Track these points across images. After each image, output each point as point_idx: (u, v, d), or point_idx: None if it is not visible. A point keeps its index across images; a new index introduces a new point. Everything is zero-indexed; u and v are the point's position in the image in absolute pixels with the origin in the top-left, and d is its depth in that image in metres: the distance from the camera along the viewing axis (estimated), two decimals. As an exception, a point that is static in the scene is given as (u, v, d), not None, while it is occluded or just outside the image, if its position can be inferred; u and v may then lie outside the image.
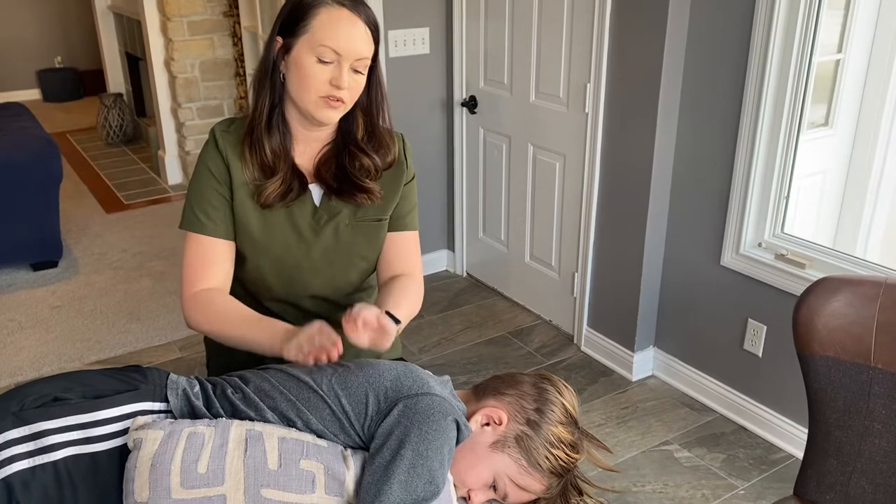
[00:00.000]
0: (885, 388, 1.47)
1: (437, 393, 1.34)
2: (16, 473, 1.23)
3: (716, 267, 2.62)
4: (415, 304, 1.61)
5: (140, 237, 4.33)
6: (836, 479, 1.54)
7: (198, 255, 1.57)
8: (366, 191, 1.59)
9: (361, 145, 1.59)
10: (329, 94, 1.46)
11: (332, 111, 1.49)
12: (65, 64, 7.94)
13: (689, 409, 2.76)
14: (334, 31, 1.44)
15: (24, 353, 3.15)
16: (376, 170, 1.60)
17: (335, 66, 1.45)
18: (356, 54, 1.46)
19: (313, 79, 1.45)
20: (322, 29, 1.44)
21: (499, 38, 3.21)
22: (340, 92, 1.46)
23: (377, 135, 1.61)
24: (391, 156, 1.63)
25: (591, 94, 2.81)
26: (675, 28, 2.49)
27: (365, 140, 1.60)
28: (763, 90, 2.33)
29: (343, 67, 1.45)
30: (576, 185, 3.00)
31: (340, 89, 1.46)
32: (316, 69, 1.45)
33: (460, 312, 3.45)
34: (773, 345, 2.51)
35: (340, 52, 1.44)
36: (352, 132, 1.59)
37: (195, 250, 1.57)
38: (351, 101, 1.52)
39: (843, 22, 2.84)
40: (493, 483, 1.45)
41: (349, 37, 1.44)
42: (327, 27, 1.44)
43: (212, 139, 1.58)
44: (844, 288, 1.51)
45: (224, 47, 4.91)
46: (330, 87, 1.46)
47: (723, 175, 2.52)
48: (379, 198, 1.61)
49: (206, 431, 1.28)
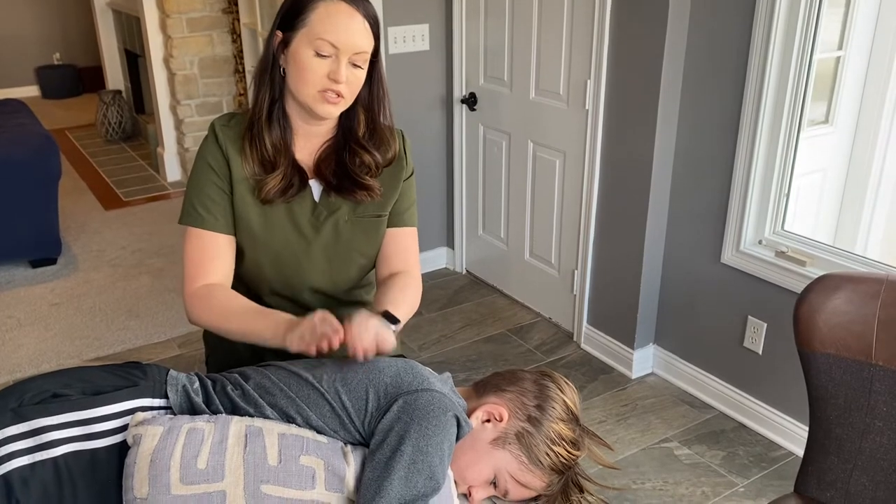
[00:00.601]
0: (885, 385, 1.47)
1: (438, 389, 1.34)
2: (15, 470, 1.22)
3: (716, 264, 2.61)
4: (413, 302, 1.61)
5: (139, 234, 4.33)
6: (836, 476, 1.53)
7: (198, 250, 1.56)
8: (366, 188, 1.58)
9: (362, 142, 1.58)
10: (327, 88, 1.46)
11: (331, 106, 1.49)
12: (64, 61, 7.93)
13: (689, 406, 2.76)
14: (332, 24, 1.43)
15: (22, 350, 3.14)
16: (377, 166, 1.60)
17: (333, 59, 1.45)
18: (354, 48, 1.45)
19: (311, 73, 1.45)
20: (320, 22, 1.44)
21: (499, 35, 3.20)
22: (338, 86, 1.46)
23: (378, 131, 1.61)
24: (392, 152, 1.63)
25: (591, 91, 2.80)
26: (675, 25, 2.49)
27: (366, 137, 1.59)
28: (763, 87, 2.32)
29: (341, 61, 1.45)
30: (576, 182, 3.00)
31: (338, 83, 1.45)
32: (314, 63, 1.45)
33: (460, 310, 3.45)
34: (773, 342, 2.51)
35: (338, 46, 1.44)
36: (353, 128, 1.59)
37: (196, 245, 1.56)
38: (351, 96, 1.51)
39: (843, 19, 2.83)
40: (494, 480, 1.44)
41: (347, 30, 1.44)
42: (325, 21, 1.44)
43: (211, 134, 1.57)
44: (845, 285, 1.51)
45: (223, 44, 4.91)
46: (328, 81, 1.46)
47: (723, 172, 2.51)
48: (378, 195, 1.61)
49: (206, 427, 1.28)
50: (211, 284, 1.55)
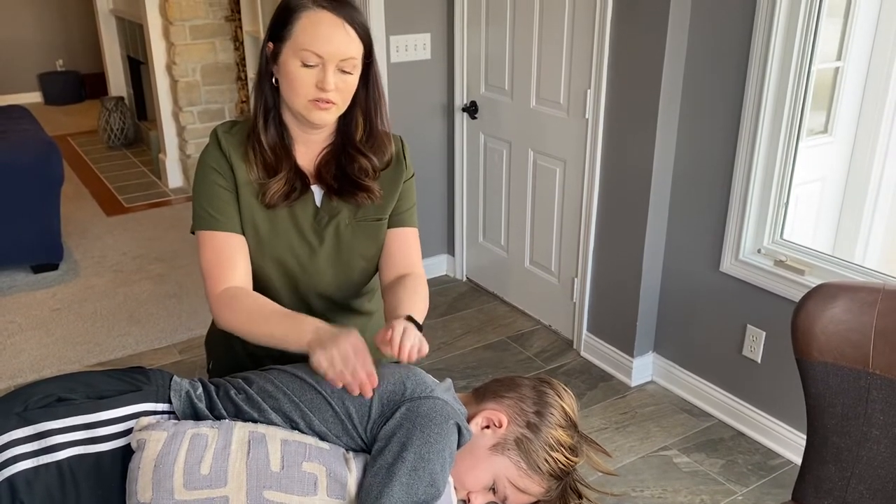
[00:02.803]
0: (883, 394, 1.47)
1: (440, 396, 1.35)
2: (20, 473, 1.23)
3: (715, 273, 2.62)
4: (425, 303, 1.59)
5: (140, 240, 4.34)
6: (834, 484, 1.54)
7: (215, 252, 1.55)
8: (366, 189, 1.59)
9: (359, 146, 1.60)
10: (317, 98, 1.47)
11: (323, 113, 1.50)
12: (66, 67, 7.95)
13: (688, 414, 2.76)
14: (315, 34, 1.44)
15: (23, 355, 3.15)
16: (374, 170, 1.61)
17: (320, 69, 1.46)
18: (340, 55, 1.46)
19: (299, 83, 1.46)
20: (303, 33, 1.45)
21: (500, 44, 3.22)
22: (327, 94, 1.47)
23: (375, 135, 1.61)
24: (388, 155, 1.64)
25: (591, 100, 2.82)
26: (675, 35, 2.50)
27: (363, 141, 1.60)
28: (763, 97, 2.34)
29: (328, 70, 1.46)
30: (576, 190, 3.01)
31: (326, 91, 1.46)
32: (302, 73, 1.46)
33: (460, 317, 3.46)
34: (772, 351, 2.52)
35: (323, 55, 1.45)
36: (351, 133, 1.60)
37: (212, 248, 1.55)
38: (343, 102, 1.52)
39: (842, 29, 2.85)
40: (493, 486, 1.45)
41: (330, 39, 1.44)
42: (308, 31, 1.44)
43: (214, 140, 1.58)
44: (843, 294, 1.52)
45: (226, 51, 4.93)
46: (316, 91, 1.46)
47: (722, 181, 2.53)
48: (379, 196, 1.62)
49: (210, 433, 1.29)
50: (235, 287, 1.53)
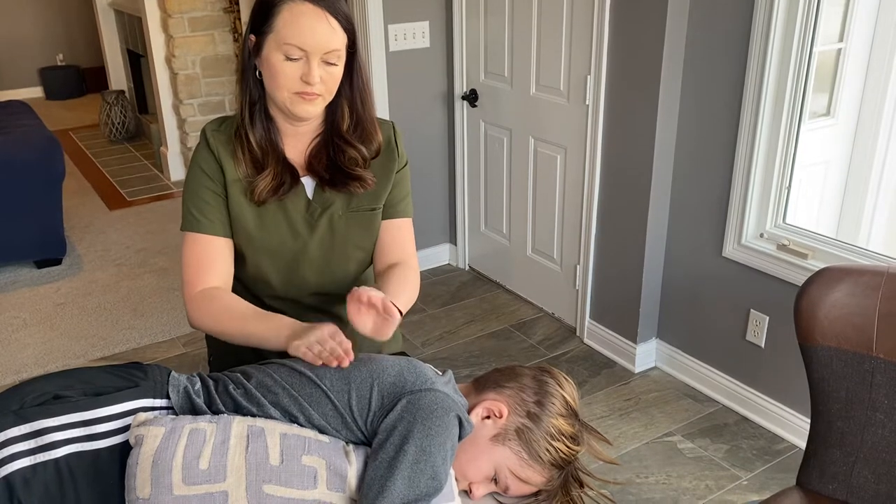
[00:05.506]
0: (887, 378, 1.46)
1: (440, 389, 1.34)
2: (17, 471, 1.23)
3: (718, 258, 2.61)
4: (413, 294, 1.60)
5: (143, 233, 4.34)
6: (838, 469, 1.54)
7: (196, 254, 1.56)
8: (358, 178, 1.58)
9: (346, 136, 1.58)
10: (301, 91, 1.46)
11: (308, 105, 1.48)
12: (67, 61, 7.95)
13: (692, 400, 2.76)
14: (297, 27, 1.42)
15: (28, 350, 3.16)
16: (363, 160, 1.60)
17: (304, 62, 1.44)
18: (324, 48, 1.44)
19: (283, 76, 1.45)
20: (286, 27, 1.43)
21: (499, 31, 3.20)
22: (312, 87, 1.46)
23: (362, 124, 1.60)
24: (377, 144, 1.62)
25: (591, 87, 2.80)
26: (675, 19, 2.48)
27: (350, 131, 1.59)
28: (764, 80, 2.32)
29: (312, 63, 1.44)
30: (577, 177, 3.00)
31: (311, 84, 1.45)
32: (285, 67, 1.44)
33: (462, 306, 3.45)
34: (776, 335, 2.51)
35: (306, 49, 1.43)
36: (337, 123, 1.58)
37: (193, 250, 1.57)
38: (328, 93, 1.51)
39: (844, 11, 2.82)
40: (494, 476, 1.45)
41: (313, 32, 1.43)
42: (290, 24, 1.42)
43: (203, 139, 1.58)
44: (846, 278, 1.51)
45: (225, 43, 4.91)
46: (301, 84, 1.45)
47: (724, 166, 2.51)
48: (371, 185, 1.61)
49: (208, 428, 1.29)
50: (212, 288, 1.55)
